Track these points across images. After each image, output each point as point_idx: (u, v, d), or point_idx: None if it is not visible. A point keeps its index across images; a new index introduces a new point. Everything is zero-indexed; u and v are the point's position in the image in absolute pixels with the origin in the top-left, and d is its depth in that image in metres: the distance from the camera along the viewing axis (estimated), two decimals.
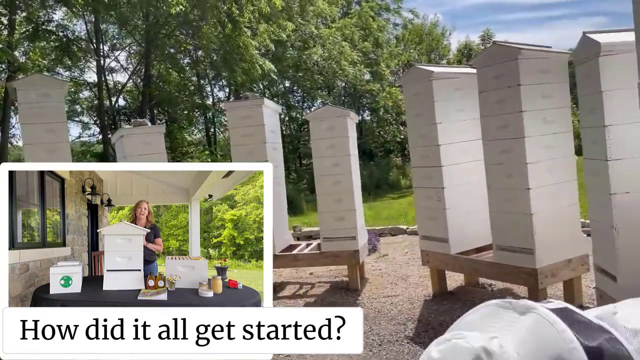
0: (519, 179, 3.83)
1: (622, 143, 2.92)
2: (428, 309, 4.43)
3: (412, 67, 4.79)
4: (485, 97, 4.02)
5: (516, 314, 0.85)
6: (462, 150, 4.57)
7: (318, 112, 5.32)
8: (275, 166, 5.54)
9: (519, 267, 3.90)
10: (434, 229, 4.62)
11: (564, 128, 3.97)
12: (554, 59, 3.94)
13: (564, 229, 3.94)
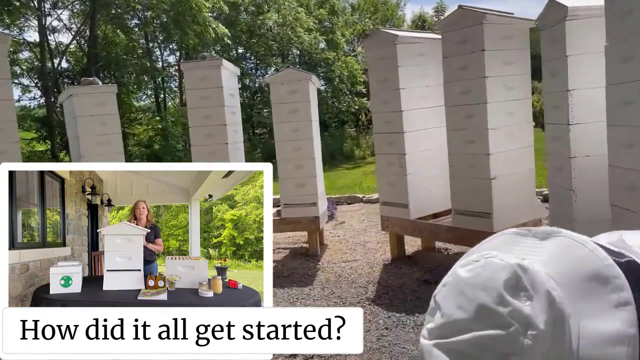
0: (480, 145, 3.89)
1: (584, 107, 2.99)
2: (387, 273, 4.50)
3: (377, 31, 4.74)
4: (448, 63, 4.03)
5: (537, 240, 0.82)
6: (424, 116, 4.59)
7: (279, 75, 5.19)
8: (234, 131, 5.42)
9: (477, 230, 3.99)
10: (394, 194, 4.66)
11: (524, 95, 4.04)
12: (516, 25, 3.97)
13: (520, 193, 4.05)
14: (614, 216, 2.54)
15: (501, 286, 0.65)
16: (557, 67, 3.11)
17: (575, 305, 0.67)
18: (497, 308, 0.65)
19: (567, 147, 3.06)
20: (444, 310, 0.69)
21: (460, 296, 0.69)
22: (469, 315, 0.66)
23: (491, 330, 0.64)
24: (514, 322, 0.64)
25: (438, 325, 0.68)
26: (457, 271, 0.73)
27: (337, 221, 6.87)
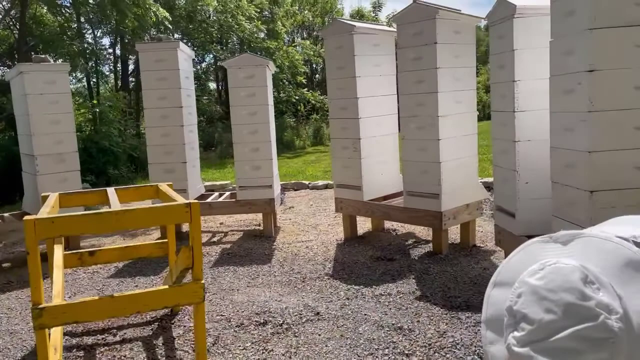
0: (431, 131, 4.19)
1: (527, 97, 3.34)
2: (342, 251, 4.74)
3: (335, 20, 4.93)
4: (403, 53, 4.29)
5: (559, 245, 0.98)
6: (377, 103, 4.85)
7: (237, 60, 5.27)
8: (189, 114, 5.46)
9: (426, 210, 4.31)
10: (348, 177, 4.90)
11: (470, 86, 4.39)
12: (465, 21, 4.30)
13: (465, 177, 4.41)
14: (554, 192, 2.89)
15: (580, 284, 0.84)
16: (504, 59, 3.45)
17: (624, 290, 0.87)
18: (583, 303, 0.83)
19: (512, 132, 3.40)
20: (532, 317, 0.86)
21: (544, 301, 0.86)
22: (559, 316, 0.84)
23: (584, 323, 0.82)
24: (601, 312, 0.83)
25: (528, 331, 0.85)
26: (528, 281, 0.88)
27: (286, 206, 7.04)
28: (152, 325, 3.29)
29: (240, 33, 18.29)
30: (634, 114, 2.47)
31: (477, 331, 2.97)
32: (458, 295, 3.51)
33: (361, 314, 3.29)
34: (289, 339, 3.01)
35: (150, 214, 2.47)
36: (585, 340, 0.81)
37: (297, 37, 25.66)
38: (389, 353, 2.78)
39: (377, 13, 26.85)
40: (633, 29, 2.43)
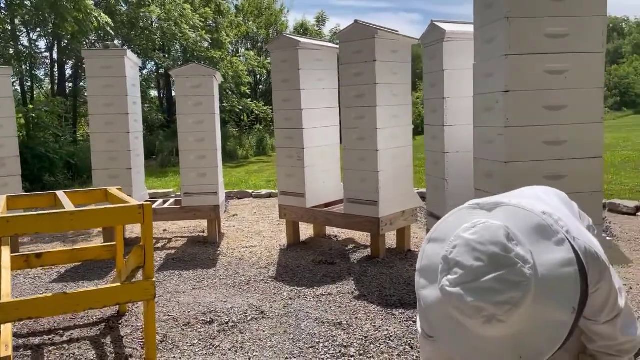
0: (370, 142, 4.49)
1: (455, 112, 3.70)
2: (285, 256, 4.93)
3: (281, 35, 5.16)
4: (345, 69, 4.58)
5: (485, 211, 1.23)
6: (320, 115, 5.11)
7: (184, 70, 5.39)
8: (135, 121, 5.52)
9: (365, 216, 4.59)
10: (292, 185, 5.12)
11: (406, 101, 4.74)
12: (402, 41, 4.66)
13: (401, 185, 4.74)
14: (477, 197, 3.23)
15: (504, 239, 1.11)
16: (435, 78, 3.80)
17: (534, 248, 1.14)
18: (505, 254, 1.10)
19: (442, 145, 3.74)
20: (464, 263, 1.11)
21: (474, 252, 1.12)
22: (486, 263, 1.10)
23: (505, 269, 1.08)
24: (518, 261, 1.10)
25: (460, 274, 1.11)
26: (463, 235, 1.13)
27: (229, 214, 7.15)
28: (99, 325, 3.35)
29: (184, 42, 18.19)
30: (542, 130, 2.84)
31: (409, 325, 3.24)
32: (393, 295, 3.79)
33: (303, 312, 3.50)
34: (234, 336, 3.17)
35: (104, 215, 2.59)
36: (505, 282, 1.06)
37: (241, 48, 25.78)
38: (329, 346, 3.00)
39: (320, 27, 27.42)
40: (542, 56, 2.81)
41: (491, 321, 1.05)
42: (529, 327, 1.07)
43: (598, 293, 1.28)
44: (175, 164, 15.75)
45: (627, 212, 6.19)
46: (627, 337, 1.34)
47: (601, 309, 1.31)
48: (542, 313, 1.06)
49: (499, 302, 1.03)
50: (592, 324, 1.35)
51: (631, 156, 11.65)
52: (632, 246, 4.80)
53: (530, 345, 1.06)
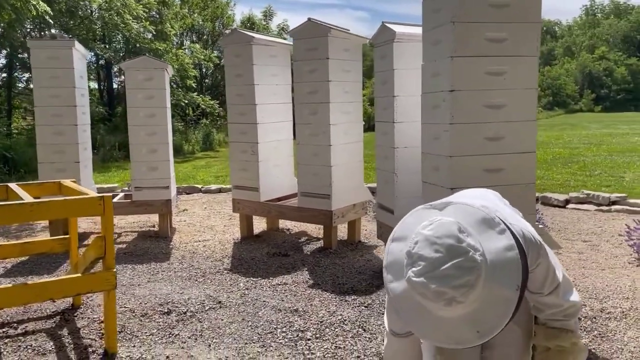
0: (323, 137, 4.65)
1: (405, 110, 3.90)
2: (239, 249, 5.02)
3: (234, 30, 5.22)
4: (299, 66, 4.71)
5: (437, 210, 1.42)
6: (274, 110, 5.21)
7: (135, 62, 5.34)
8: (83, 113, 5.43)
9: (318, 209, 4.75)
10: (246, 179, 5.20)
11: (357, 98, 4.92)
12: (353, 40, 4.83)
13: (352, 179, 4.92)
14: (424, 190, 3.45)
15: (457, 232, 1.31)
16: (385, 77, 3.99)
17: (481, 237, 1.33)
18: (459, 244, 1.30)
19: (392, 140, 3.94)
20: (425, 256, 1.30)
21: (433, 245, 1.32)
22: (444, 254, 1.29)
23: (460, 257, 1.28)
24: (470, 249, 1.30)
25: (423, 266, 1.30)
26: (422, 232, 1.31)
27: (179, 209, 7.13)
28: (54, 318, 3.33)
29: (126, 32, 17.69)
30: (483, 127, 3.08)
31: (361, 310, 3.43)
32: (346, 283, 3.96)
33: (260, 301, 3.62)
34: (193, 325, 3.25)
35: (64, 206, 2.60)
36: (460, 268, 1.25)
37: (186, 40, 25.31)
38: (287, 331, 3.14)
39: (268, 22, 27.30)
40: (483, 59, 3.04)
41: (451, 303, 1.23)
42: (482, 306, 1.26)
43: (538, 269, 1.50)
44: (118, 158, 15.36)
45: (558, 204, 6.67)
46: (569, 303, 1.58)
47: (543, 282, 1.53)
48: (492, 292, 1.26)
49: (456, 286, 1.22)
50: (538, 296, 1.57)
51: (562, 153, 12.43)
52: (562, 235, 5.21)
53: (484, 321, 1.26)
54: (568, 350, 1.60)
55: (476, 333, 1.26)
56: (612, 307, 3.37)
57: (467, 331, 1.27)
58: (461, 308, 1.25)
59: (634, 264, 4.24)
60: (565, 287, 1.60)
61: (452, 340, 1.29)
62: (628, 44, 54.56)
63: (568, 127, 22.50)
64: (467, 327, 1.27)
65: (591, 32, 59.07)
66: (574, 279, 3.90)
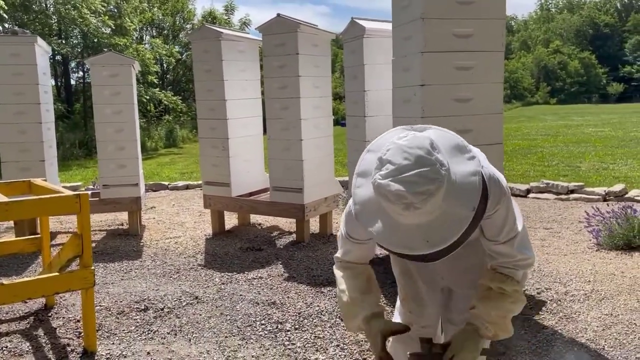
0: (294, 132, 4.69)
1: (375, 104, 3.99)
2: (211, 244, 5.02)
3: (203, 26, 5.19)
4: (268, 61, 4.73)
5: (418, 132, 1.48)
6: (243, 105, 5.22)
7: (100, 58, 5.25)
8: (46, 110, 5.32)
9: (291, 203, 4.80)
10: (217, 175, 5.19)
11: (327, 93, 4.99)
12: (322, 36, 4.89)
13: (323, 173, 4.99)
14: None
15: (428, 146, 1.39)
16: (356, 72, 4.07)
17: (450, 159, 1.41)
18: (428, 156, 1.37)
19: (363, 134, 4.02)
20: (394, 161, 1.38)
21: (403, 153, 1.39)
22: (412, 162, 1.36)
23: (426, 167, 1.35)
24: (437, 162, 1.37)
25: (390, 170, 1.37)
26: (396, 141, 1.38)
27: (146, 206, 7.05)
28: (28, 319, 3.28)
29: (84, 27, 17.22)
30: (453, 120, 3.19)
31: (337, 301, 3.50)
32: (320, 275, 4.03)
33: (237, 295, 3.65)
34: (171, 321, 3.25)
35: (39, 205, 2.58)
36: (424, 177, 1.31)
37: (146, 35, 24.81)
38: (266, 323, 3.18)
39: (229, 16, 26.98)
40: (452, 54, 3.15)
41: (409, 208, 1.31)
42: (438, 219, 1.34)
43: (497, 214, 1.57)
44: (79, 156, 14.98)
45: (520, 194, 6.92)
46: (522, 255, 1.64)
47: (500, 228, 1.60)
48: (449, 208, 1.34)
49: (416, 192, 1.30)
50: (492, 244, 1.64)
51: (521, 144, 12.85)
52: (525, 223, 5.42)
53: (436, 233, 1.34)
54: (508, 294, 1.66)
55: (426, 242, 1.34)
56: (576, 290, 3.56)
57: (418, 239, 1.35)
58: (418, 216, 1.32)
59: (593, 249, 4.47)
60: (522, 240, 1.65)
61: (403, 246, 1.38)
62: (581, 38, 56.56)
63: (525, 119, 23.21)
64: (419, 235, 1.35)
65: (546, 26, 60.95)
66: (539, 265, 4.08)
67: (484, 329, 1.65)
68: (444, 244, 1.35)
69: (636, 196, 6.27)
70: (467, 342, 1.66)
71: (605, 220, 4.53)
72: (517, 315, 3.05)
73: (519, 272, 1.67)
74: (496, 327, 1.66)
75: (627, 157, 9.92)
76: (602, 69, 50.96)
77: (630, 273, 3.82)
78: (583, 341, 2.83)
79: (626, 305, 3.27)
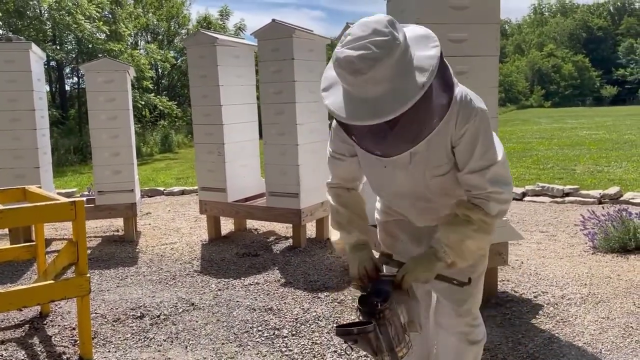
0: (290, 137, 4.69)
1: None
2: (207, 250, 5.00)
3: (198, 32, 5.19)
4: (264, 66, 4.74)
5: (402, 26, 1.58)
6: (239, 111, 5.22)
7: (95, 64, 5.24)
8: (41, 117, 5.31)
9: (287, 208, 4.79)
10: (213, 180, 5.18)
11: None
12: (317, 41, 4.90)
13: (319, 178, 4.98)
14: None
15: (386, 23, 1.46)
16: None
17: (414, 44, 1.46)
18: (383, 29, 1.46)
19: None
20: (352, 33, 1.45)
21: (362, 26, 1.46)
22: (367, 33, 1.44)
23: (378, 37, 1.42)
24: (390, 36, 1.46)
25: (347, 39, 1.44)
26: (362, 20, 1.50)
27: (142, 212, 7.02)
28: (23, 327, 3.26)
29: (79, 33, 17.19)
30: None
31: (334, 306, 3.50)
32: (317, 280, 4.03)
33: (234, 301, 3.63)
34: (168, 328, 3.24)
35: (35, 213, 2.56)
36: (375, 45, 1.40)
37: (141, 41, 24.79)
38: (263, 329, 3.17)
39: (224, 21, 27.00)
40: (446, 59, 3.16)
41: (356, 73, 1.40)
42: (386, 94, 1.42)
43: (467, 134, 1.60)
44: (74, 162, 14.94)
45: (515, 197, 6.94)
46: (494, 188, 1.63)
47: (470, 152, 1.61)
48: (398, 84, 1.42)
49: (363, 57, 1.39)
50: (465, 174, 1.65)
51: (516, 148, 12.90)
52: (521, 227, 5.44)
53: (383, 106, 1.42)
54: (473, 222, 1.65)
55: (372, 113, 1.42)
56: (572, 293, 3.56)
57: (365, 109, 1.43)
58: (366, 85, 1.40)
59: (589, 252, 4.48)
60: (497, 173, 1.64)
61: (352, 116, 1.45)
62: (574, 41, 56.92)
63: (520, 123, 23.31)
64: (368, 107, 1.42)
65: (539, 30, 61.30)
66: (535, 269, 4.09)
67: (442, 252, 1.66)
68: (387, 116, 1.41)
69: (631, 199, 6.30)
70: (422, 261, 1.68)
71: (600, 224, 4.55)
72: (514, 321, 3.06)
73: (491, 205, 1.65)
74: (454, 252, 1.66)
75: (622, 160, 9.98)
76: (596, 72, 51.28)
77: (626, 276, 3.83)
78: (580, 345, 2.84)
79: (622, 308, 3.27)
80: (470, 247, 1.66)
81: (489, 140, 1.64)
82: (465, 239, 1.65)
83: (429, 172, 1.68)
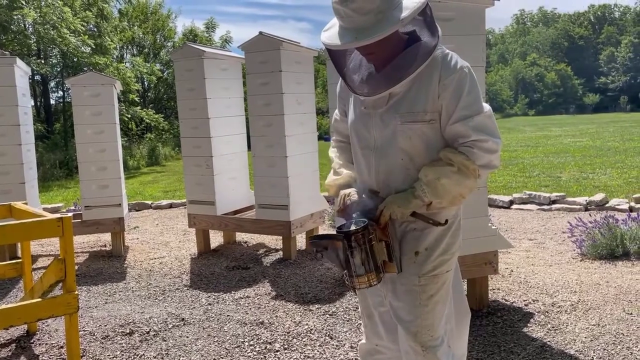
0: (279, 149, 4.69)
1: None
2: (197, 264, 4.96)
3: (185, 45, 5.18)
4: (252, 79, 4.74)
5: None
6: (227, 123, 5.21)
7: (81, 78, 5.20)
8: (26, 132, 5.25)
9: (276, 220, 4.77)
10: (201, 193, 5.15)
11: (311, 110, 5.00)
12: (304, 53, 4.92)
13: (308, 189, 4.98)
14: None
15: None
16: None
17: None
18: None
19: None
20: None
21: None
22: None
23: None
24: None
25: None
26: None
27: (129, 226, 6.95)
28: (9, 346, 3.19)
29: (64, 47, 17.08)
30: None
31: (326, 318, 3.47)
32: (308, 292, 4.00)
33: (224, 316, 3.60)
34: (158, 344, 3.19)
35: (21, 230, 2.52)
36: None
37: (127, 54, 24.71)
38: (254, 344, 3.14)
39: (210, 34, 27.03)
40: None
41: (345, 2, 1.59)
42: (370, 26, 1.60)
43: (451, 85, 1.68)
44: (60, 177, 14.77)
45: (503, 205, 6.99)
46: (478, 136, 1.70)
47: (456, 100, 1.69)
48: (382, 15, 1.60)
49: None
50: (450, 125, 1.72)
51: (502, 156, 12.98)
52: (509, 235, 5.47)
53: (365, 32, 1.60)
54: (453, 164, 1.70)
55: (353, 37, 1.61)
56: (562, 300, 3.58)
57: (349, 36, 1.62)
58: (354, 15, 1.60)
59: (577, 259, 4.51)
60: (482, 123, 1.71)
61: (337, 40, 1.64)
62: (556, 50, 57.82)
63: (505, 131, 23.54)
64: (351, 33, 1.62)
65: (522, 39, 62.20)
66: (525, 277, 4.11)
67: (420, 189, 1.72)
68: (366, 40, 1.58)
69: (617, 205, 6.37)
70: (399, 197, 1.75)
71: (588, 231, 4.59)
72: (506, 330, 3.06)
73: (475, 152, 1.70)
74: (431, 190, 1.71)
75: (606, 167, 10.11)
76: (578, 80, 52.10)
77: (615, 282, 3.86)
78: (572, 353, 2.85)
79: (612, 315, 3.30)
80: (445, 186, 1.70)
81: (475, 93, 1.72)
82: (442, 176, 1.70)
83: (401, 117, 1.73)
